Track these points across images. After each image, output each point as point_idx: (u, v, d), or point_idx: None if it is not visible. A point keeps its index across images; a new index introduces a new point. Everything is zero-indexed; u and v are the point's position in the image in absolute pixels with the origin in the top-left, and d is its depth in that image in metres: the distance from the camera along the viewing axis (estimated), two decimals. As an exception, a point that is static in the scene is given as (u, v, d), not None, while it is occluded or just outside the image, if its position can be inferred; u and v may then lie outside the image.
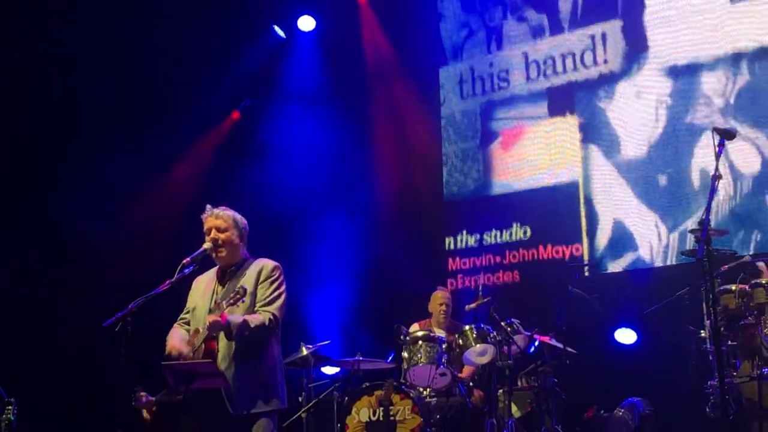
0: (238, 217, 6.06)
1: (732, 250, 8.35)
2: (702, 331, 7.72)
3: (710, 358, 7.48)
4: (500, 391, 8.46)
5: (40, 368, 9.87)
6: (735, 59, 9.64)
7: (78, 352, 9.98)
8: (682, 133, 9.94)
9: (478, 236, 11.19)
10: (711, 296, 5.83)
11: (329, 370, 9.69)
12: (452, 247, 11.35)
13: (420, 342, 8.32)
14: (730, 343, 7.63)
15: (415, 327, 9.13)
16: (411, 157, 11.71)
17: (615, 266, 10.18)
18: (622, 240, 10.21)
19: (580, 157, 10.56)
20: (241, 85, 12.05)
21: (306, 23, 12.20)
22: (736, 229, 9.30)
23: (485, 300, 8.75)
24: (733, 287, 7.59)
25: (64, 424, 9.75)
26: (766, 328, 6.08)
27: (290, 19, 12.25)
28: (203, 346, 5.72)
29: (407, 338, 8.43)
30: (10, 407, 7.33)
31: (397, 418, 8.01)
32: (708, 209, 5.47)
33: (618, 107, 10.40)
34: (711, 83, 9.79)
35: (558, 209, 10.63)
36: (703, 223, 5.38)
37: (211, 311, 5.80)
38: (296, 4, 12.17)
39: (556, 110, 10.82)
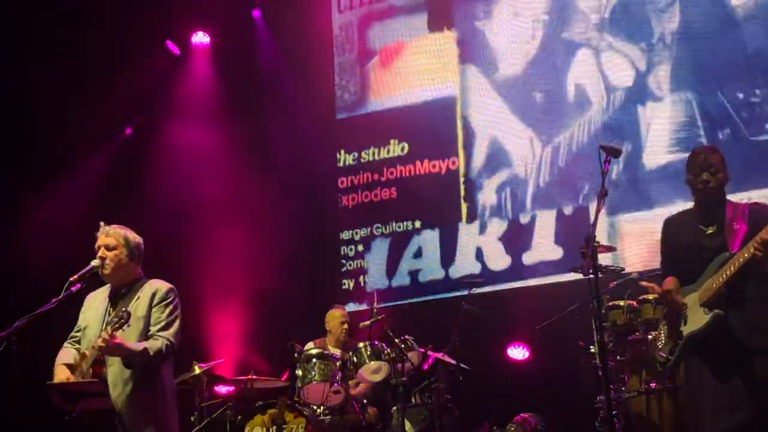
0: (131, 235, 5.91)
1: (620, 266, 8.50)
2: (591, 347, 7.85)
3: (599, 373, 7.61)
4: (394, 408, 8.48)
5: None
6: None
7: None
8: (558, 50, 10.15)
9: (356, 154, 11.15)
10: (598, 312, 5.93)
11: (222, 388, 9.58)
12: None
13: (314, 360, 8.26)
14: (618, 358, 7.79)
15: (309, 345, 9.07)
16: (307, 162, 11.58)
17: (491, 183, 10.29)
18: (497, 155, 10.33)
19: (457, 73, 10.66)
20: (134, 100, 11.86)
21: (200, 39, 12.11)
22: (608, 141, 9.43)
23: (380, 317, 8.73)
24: (622, 303, 7.75)
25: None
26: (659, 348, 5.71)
27: (184, 35, 12.13)
28: (91, 370, 5.58)
29: (301, 356, 8.38)
30: None
31: (291, 437, 7.96)
32: (594, 225, 5.50)
33: (495, 26, 10.53)
34: (587, -1, 10.03)
35: (435, 125, 10.70)
36: (590, 239, 5.43)
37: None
38: (190, 21, 12.07)
39: (434, 25, 10.85)
